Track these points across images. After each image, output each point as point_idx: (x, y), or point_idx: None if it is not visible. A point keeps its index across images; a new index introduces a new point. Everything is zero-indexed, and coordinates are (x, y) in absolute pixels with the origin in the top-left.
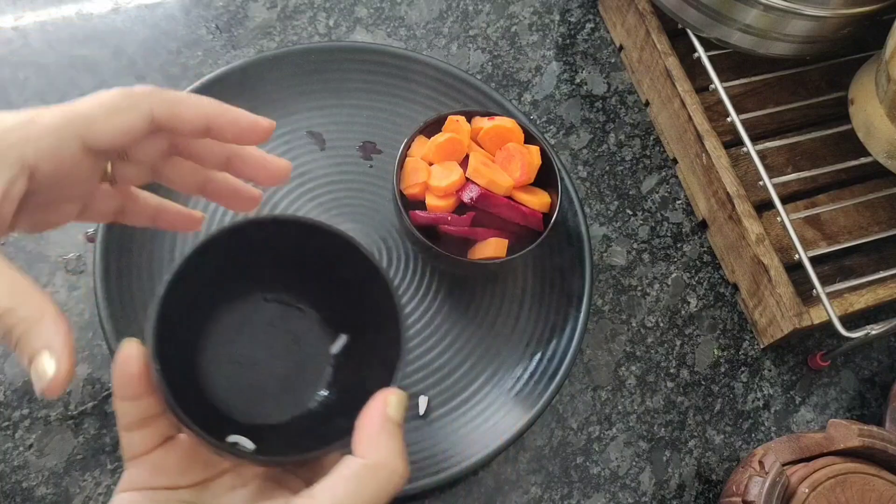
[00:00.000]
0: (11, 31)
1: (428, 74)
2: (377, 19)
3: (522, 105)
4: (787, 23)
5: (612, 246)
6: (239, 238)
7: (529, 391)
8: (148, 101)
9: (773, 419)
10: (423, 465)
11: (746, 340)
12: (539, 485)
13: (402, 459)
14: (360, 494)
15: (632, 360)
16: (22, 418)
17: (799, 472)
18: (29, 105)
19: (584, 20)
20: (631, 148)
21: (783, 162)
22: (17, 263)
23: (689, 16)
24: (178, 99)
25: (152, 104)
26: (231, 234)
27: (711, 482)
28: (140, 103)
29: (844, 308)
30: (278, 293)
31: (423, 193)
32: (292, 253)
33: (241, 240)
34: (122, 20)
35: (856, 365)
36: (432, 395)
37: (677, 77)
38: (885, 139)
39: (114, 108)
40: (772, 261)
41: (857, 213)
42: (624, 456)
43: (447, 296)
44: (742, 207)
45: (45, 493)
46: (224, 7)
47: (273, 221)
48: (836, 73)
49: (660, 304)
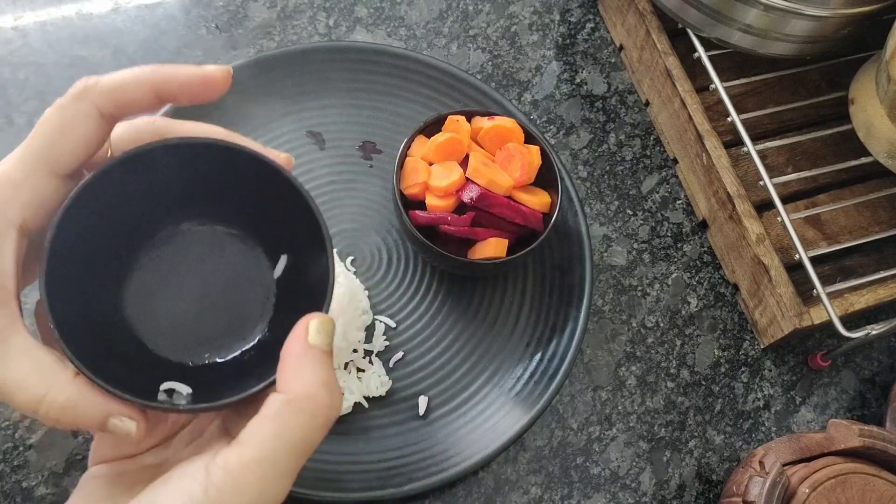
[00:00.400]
0: (11, 31)
1: (428, 74)
2: (377, 19)
3: (522, 105)
4: (787, 23)
5: (612, 246)
6: (139, 167)
7: (529, 391)
8: (87, 101)
9: (773, 419)
10: (423, 465)
11: (747, 340)
12: (539, 485)
13: (328, 389)
14: (284, 434)
15: (632, 361)
16: (22, 418)
17: (799, 473)
18: (27, 105)
19: (585, 20)
20: (631, 148)
21: (783, 162)
22: None
23: (689, 16)
24: (116, 84)
25: (94, 102)
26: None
27: (712, 482)
28: (80, 109)
29: (845, 308)
30: (204, 221)
31: (423, 193)
32: (207, 178)
33: (144, 169)
34: (121, 20)
35: (856, 365)
36: (432, 395)
37: (677, 77)
38: (885, 139)
39: (60, 127)
40: (772, 261)
41: (857, 213)
42: (624, 456)
43: (447, 296)
44: (742, 207)
45: (44, 493)
46: (224, 7)
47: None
48: (837, 72)
49: (660, 304)
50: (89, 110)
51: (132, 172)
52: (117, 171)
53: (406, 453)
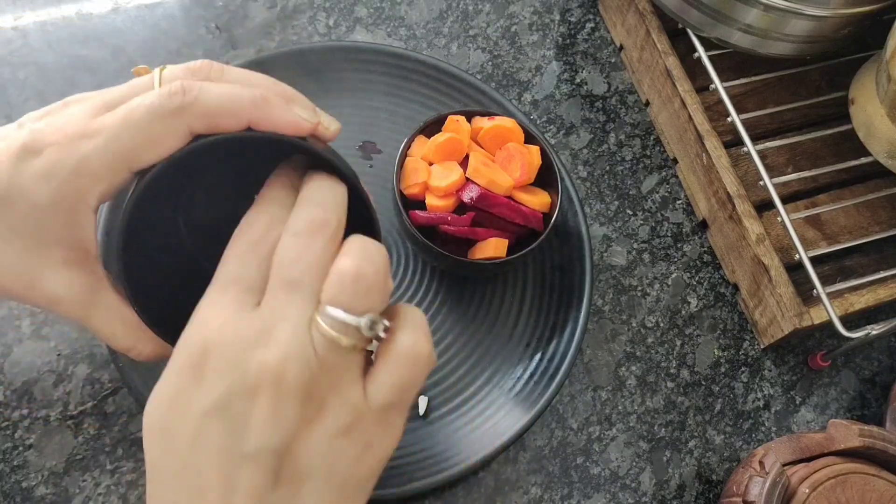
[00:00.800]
0: (11, 31)
1: (428, 74)
2: (377, 19)
3: (522, 105)
4: (787, 23)
5: (612, 246)
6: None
7: (529, 391)
8: (182, 120)
9: (773, 419)
10: (423, 465)
11: (747, 340)
12: (539, 485)
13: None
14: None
15: (632, 361)
16: (21, 418)
17: (799, 473)
18: (27, 105)
19: (585, 20)
20: (631, 148)
21: (783, 162)
22: None
23: (689, 15)
24: (215, 110)
25: (190, 124)
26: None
27: (712, 482)
28: (174, 126)
29: (845, 308)
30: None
31: (423, 193)
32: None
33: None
34: (121, 20)
35: (856, 365)
36: (432, 395)
37: (677, 77)
38: (885, 139)
39: (149, 139)
40: (772, 261)
41: (857, 213)
42: (624, 456)
43: (447, 296)
44: (742, 207)
45: (44, 493)
46: (224, 7)
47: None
48: (837, 72)
49: (660, 304)
50: (181, 130)
51: (197, 161)
52: (185, 159)
53: (406, 453)
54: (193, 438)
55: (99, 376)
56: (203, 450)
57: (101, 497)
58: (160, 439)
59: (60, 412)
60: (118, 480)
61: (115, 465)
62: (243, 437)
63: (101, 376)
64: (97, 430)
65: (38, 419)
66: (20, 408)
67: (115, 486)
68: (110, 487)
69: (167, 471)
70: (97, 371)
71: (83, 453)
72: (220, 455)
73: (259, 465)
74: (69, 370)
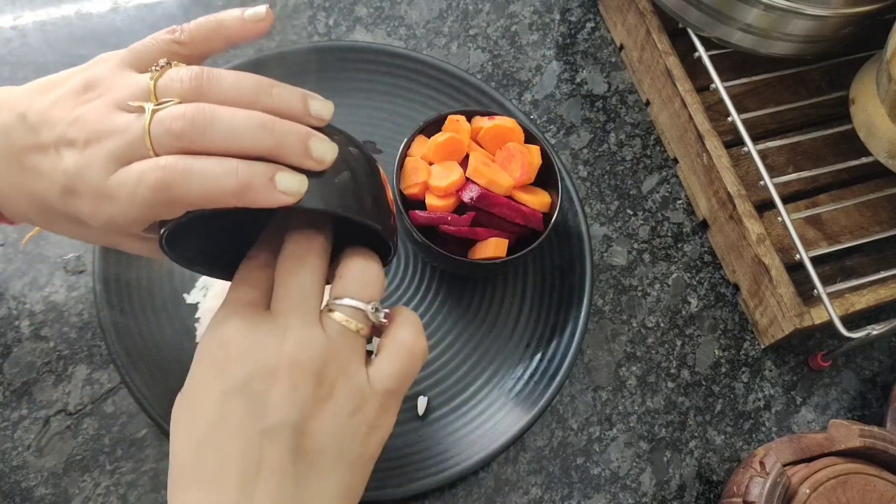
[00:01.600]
0: (10, 31)
1: (428, 74)
2: (377, 19)
3: (522, 105)
4: (788, 22)
5: (612, 246)
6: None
7: (530, 391)
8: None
9: (773, 419)
10: (423, 465)
11: (747, 341)
12: (539, 485)
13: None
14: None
15: (632, 361)
16: (21, 418)
17: (800, 473)
18: None
19: (585, 19)
20: (631, 148)
21: (784, 162)
22: (15, 264)
23: (689, 15)
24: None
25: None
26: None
27: (712, 483)
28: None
29: (845, 308)
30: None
31: (423, 193)
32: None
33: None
34: (121, 20)
35: (857, 365)
36: (432, 395)
37: (678, 77)
38: (885, 139)
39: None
40: (773, 261)
41: (858, 213)
42: (624, 456)
43: (447, 296)
44: (743, 207)
45: (44, 494)
46: (223, 7)
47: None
48: (837, 72)
49: (660, 304)
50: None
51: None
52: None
53: (406, 453)
54: (215, 418)
55: (98, 376)
56: (224, 427)
57: (101, 497)
58: (183, 425)
59: (60, 412)
60: (117, 481)
61: (114, 466)
62: (264, 413)
63: (100, 376)
64: (96, 431)
65: (38, 419)
66: (20, 408)
67: (114, 486)
68: (109, 488)
69: (187, 453)
70: (97, 371)
71: (82, 454)
72: (240, 431)
73: (281, 441)
74: (69, 370)
